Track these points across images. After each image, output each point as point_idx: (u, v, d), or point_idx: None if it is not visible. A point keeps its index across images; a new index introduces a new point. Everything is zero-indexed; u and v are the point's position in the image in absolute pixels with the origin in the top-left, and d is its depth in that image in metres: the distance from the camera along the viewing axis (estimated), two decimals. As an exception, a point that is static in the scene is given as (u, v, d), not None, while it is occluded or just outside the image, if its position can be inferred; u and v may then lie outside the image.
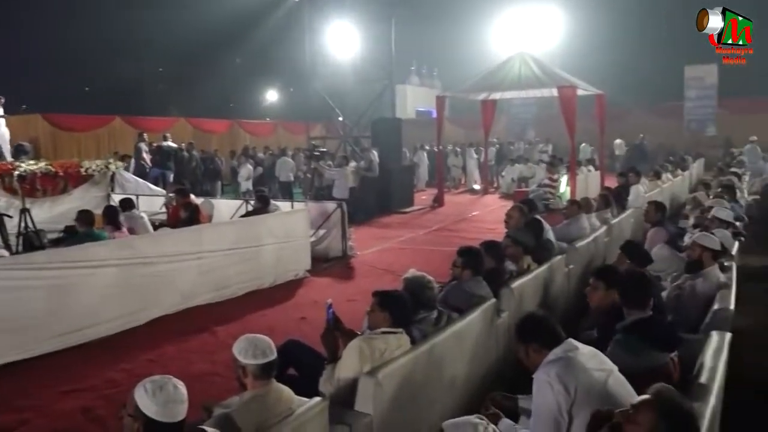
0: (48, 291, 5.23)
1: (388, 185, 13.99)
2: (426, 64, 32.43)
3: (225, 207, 9.61)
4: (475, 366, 3.82)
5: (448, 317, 3.78)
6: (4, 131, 11.13)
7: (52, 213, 9.42)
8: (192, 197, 8.71)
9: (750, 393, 3.89)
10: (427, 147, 20.59)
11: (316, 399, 2.65)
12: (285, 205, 9.34)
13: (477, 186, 19.03)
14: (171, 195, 9.08)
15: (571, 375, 2.56)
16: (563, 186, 13.87)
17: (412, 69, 30.99)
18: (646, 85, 24.59)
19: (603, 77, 18.19)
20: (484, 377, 3.89)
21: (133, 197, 9.19)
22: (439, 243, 9.92)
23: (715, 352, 3.04)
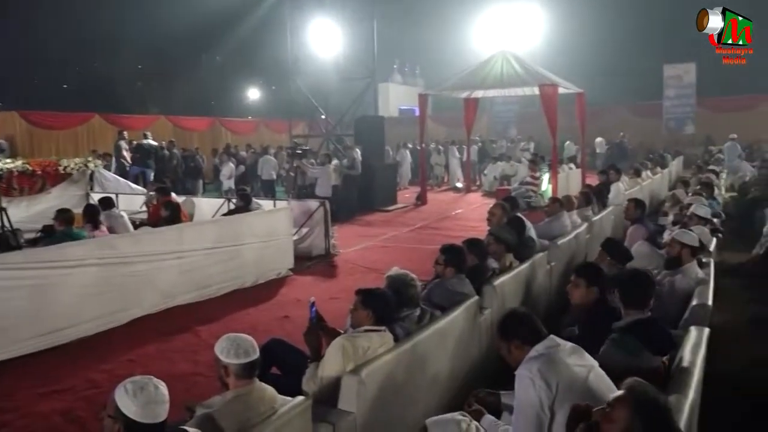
0: (26, 291, 5.14)
1: (371, 183, 13.99)
2: (408, 62, 32.44)
3: (207, 206, 9.53)
4: (458, 363, 3.84)
5: (431, 315, 3.79)
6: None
7: (29, 212, 9.26)
8: (173, 196, 8.64)
9: (727, 387, 3.96)
10: (410, 145, 20.63)
11: (299, 398, 2.64)
12: (267, 204, 9.29)
13: (460, 184, 19.11)
14: (151, 194, 8.99)
15: (553, 371, 2.58)
16: (545, 184, 14.00)
17: (394, 67, 30.97)
18: (626, 84, 24.88)
19: (584, 76, 18.37)
20: (467, 374, 3.91)
21: (113, 196, 9.08)
22: (422, 241, 9.94)
23: (694, 347, 3.08)
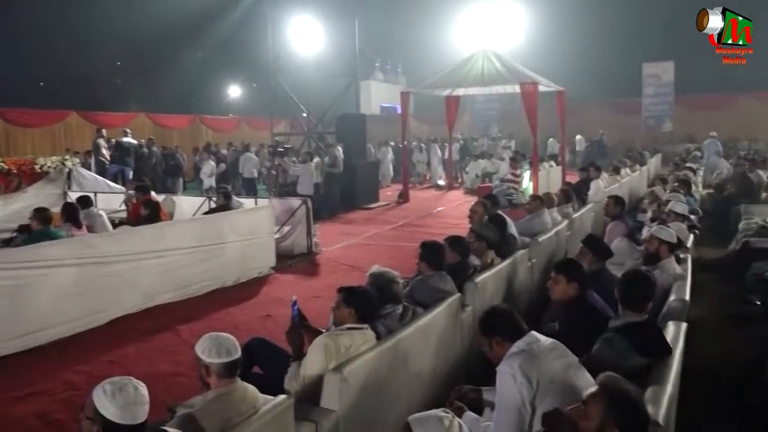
0: (2, 292, 5.05)
1: (353, 181, 13.97)
2: (390, 60, 32.41)
3: (187, 204, 9.44)
4: (441, 360, 3.85)
5: (413, 312, 3.80)
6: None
7: (5, 212, 9.10)
8: (153, 194, 8.55)
9: (704, 380, 4.03)
10: (392, 143, 20.64)
11: (281, 397, 2.63)
12: (249, 202, 9.24)
13: (442, 182, 19.17)
14: (131, 192, 8.87)
15: (534, 367, 2.60)
16: (526, 181, 14.10)
17: (376, 65, 30.92)
18: (605, 82, 25.15)
19: (564, 74, 18.51)
20: (449, 371, 3.93)
21: (91, 195, 8.95)
22: (405, 238, 9.95)
23: (672, 341, 3.12)
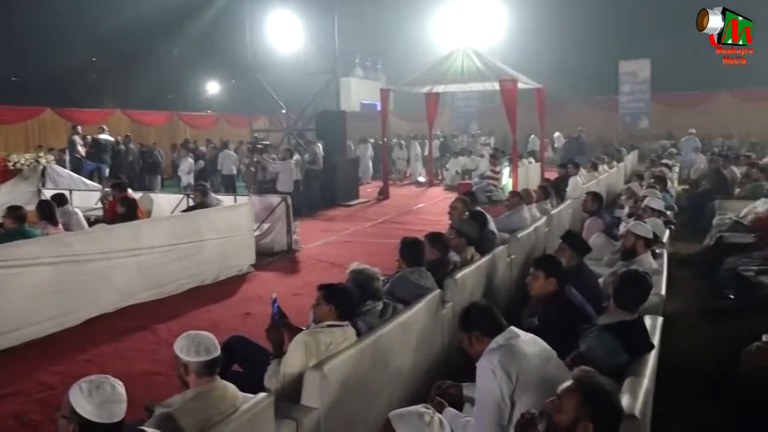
0: (-26, 292, 4.96)
1: (333, 178, 13.93)
2: (370, 57, 32.35)
3: (165, 202, 9.32)
4: (421, 356, 3.86)
5: (393, 309, 3.81)
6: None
7: (-23, 210, 8.92)
8: (130, 192, 8.43)
9: (679, 372, 4.10)
10: (371, 140, 20.59)
11: (261, 395, 2.62)
12: (228, 199, 9.17)
13: (422, 178, 19.20)
14: (107, 190, 8.74)
15: (513, 362, 2.63)
16: (505, 178, 14.18)
17: (356, 62, 30.85)
18: (583, 80, 25.38)
19: (542, 72, 18.65)
20: (429, 367, 3.94)
21: (66, 192, 8.81)
22: (385, 235, 9.96)
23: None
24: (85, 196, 9.90)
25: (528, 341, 2.78)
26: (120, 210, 7.24)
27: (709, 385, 3.99)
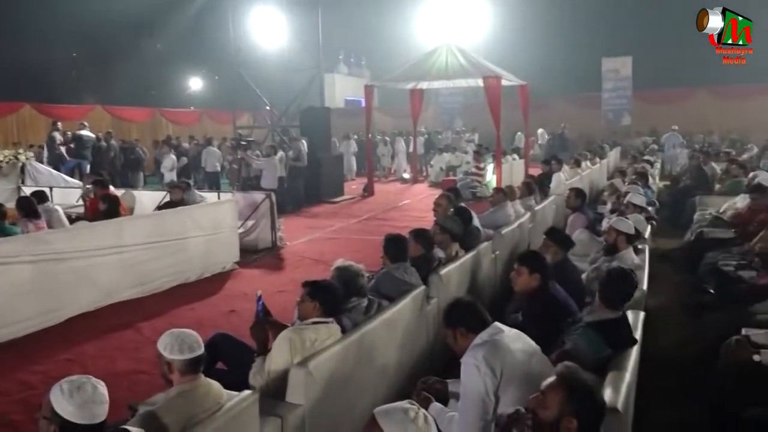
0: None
1: (317, 175, 13.89)
2: (354, 53, 32.28)
3: (148, 199, 9.23)
4: (406, 352, 3.87)
5: (378, 305, 3.81)
6: None
7: (-45, 208, 8.77)
8: (111, 189, 8.34)
9: (660, 366, 4.15)
10: (354, 136, 20.53)
11: (246, 392, 2.61)
12: (212, 196, 9.10)
13: (406, 175, 19.22)
14: (88, 187, 8.63)
15: (497, 357, 2.64)
16: (489, 174, 14.25)
17: (340, 58, 30.76)
18: (566, 77, 25.50)
19: (526, 69, 18.70)
20: (414, 363, 3.95)
21: (47, 190, 8.69)
22: (370, 232, 9.95)
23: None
24: (66, 193, 9.78)
25: (512, 337, 2.80)
26: (102, 207, 7.15)
27: (690, 379, 4.04)
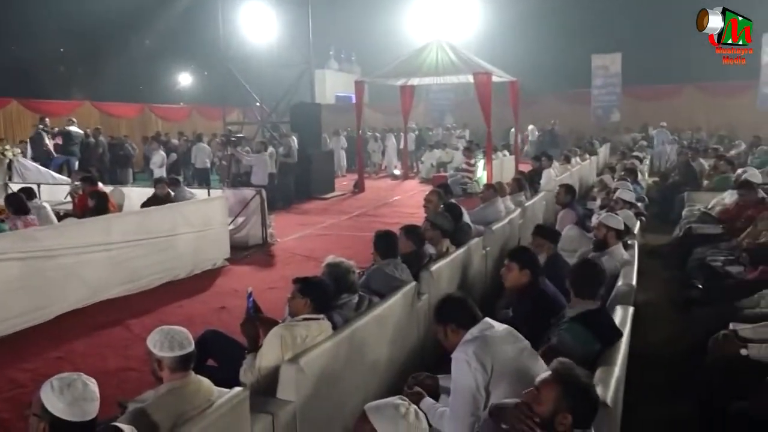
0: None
1: (308, 171, 13.86)
2: (344, 49, 32.18)
3: (137, 195, 9.16)
4: (397, 348, 3.88)
5: (369, 301, 3.81)
6: None
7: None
8: (100, 185, 8.28)
9: (648, 361, 4.19)
10: (344, 132, 20.47)
11: (236, 389, 2.60)
12: (201, 193, 9.06)
13: (397, 171, 19.23)
14: (77, 183, 8.56)
15: (488, 352, 2.65)
16: (480, 170, 14.27)
17: (330, 54, 30.66)
18: (556, 73, 25.57)
19: (516, 65, 18.75)
20: (405, 359, 3.96)
21: (34, 186, 8.62)
22: (361, 228, 9.94)
23: (619, 325, 3.23)
24: (54, 190, 9.68)
25: (502, 332, 2.80)
26: (91, 204, 7.11)
27: (678, 374, 4.07)
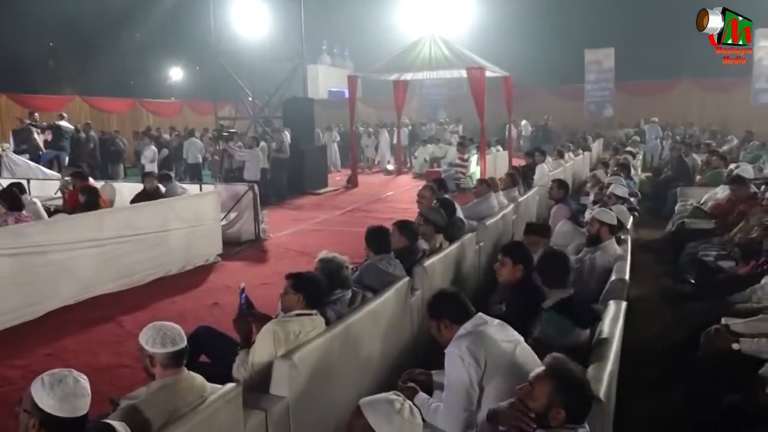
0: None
1: (301, 166, 13.82)
2: (337, 44, 32.05)
3: (128, 191, 9.08)
4: (391, 344, 3.87)
5: (362, 297, 3.80)
6: None
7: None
8: (90, 181, 8.22)
9: (641, 355, 4.20)
10: (338, 128, 20.39)
11: (229, 385, 2.58)
12: (193, 188, 9.01)
13: (390, 166, 19.20)
14: (67, 179, 8.50)
15: (481, 348, 2.65)
16: (473, 166, 14.26)
17: (323, 48, 30.54)
18: (549, 68, 25.56)
19: (509, 60, 18.71)
20: (399, 355, 3.95)
21: (24, 182, 8.55)
22: (354, 224, 9.92)
23: (612, 320, 3.23)
24: (44, 185, 9.61)
25: (496, 327, 2.80)
26: (81, 199, 7.06)
27: (671, 369, 4.09)
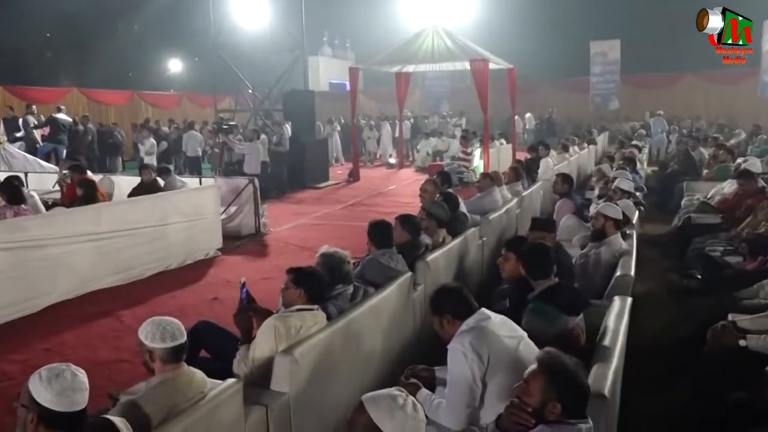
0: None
1: (302, 160, 13.75)
2: (338, 35, 31.90)
3: (126, 184, 9.02)
4: (393, 339, 3.83)
5: (364, 292, 3.76)
6: None
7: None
8: (89, 174, 8.16)
9: (646, 351, 4.16)
10: (338, 120, 20.29)
11: (230, 381, 2.56)
12: (193, 182, 8.96)
13: (392, 160, 19.12)
14: (65, 172, 8.43)
15: (484, 343, 2.62)
16: (477, 159, 14.20)
17: (324, 40, 30.40)
18: (554, 60, 25.39)
19: (513, 52, 18.60)
20: (401, 350, 3.92)
21: (21, 175, 8.49)
22: (355, 218, 9.86)
23: (617, 316, 3.20)
24: (42, 178, 9.56)
25: (499, 323, 2.77)
26: (79, 193, 7.01)
27: (677, 364, 4.04)
